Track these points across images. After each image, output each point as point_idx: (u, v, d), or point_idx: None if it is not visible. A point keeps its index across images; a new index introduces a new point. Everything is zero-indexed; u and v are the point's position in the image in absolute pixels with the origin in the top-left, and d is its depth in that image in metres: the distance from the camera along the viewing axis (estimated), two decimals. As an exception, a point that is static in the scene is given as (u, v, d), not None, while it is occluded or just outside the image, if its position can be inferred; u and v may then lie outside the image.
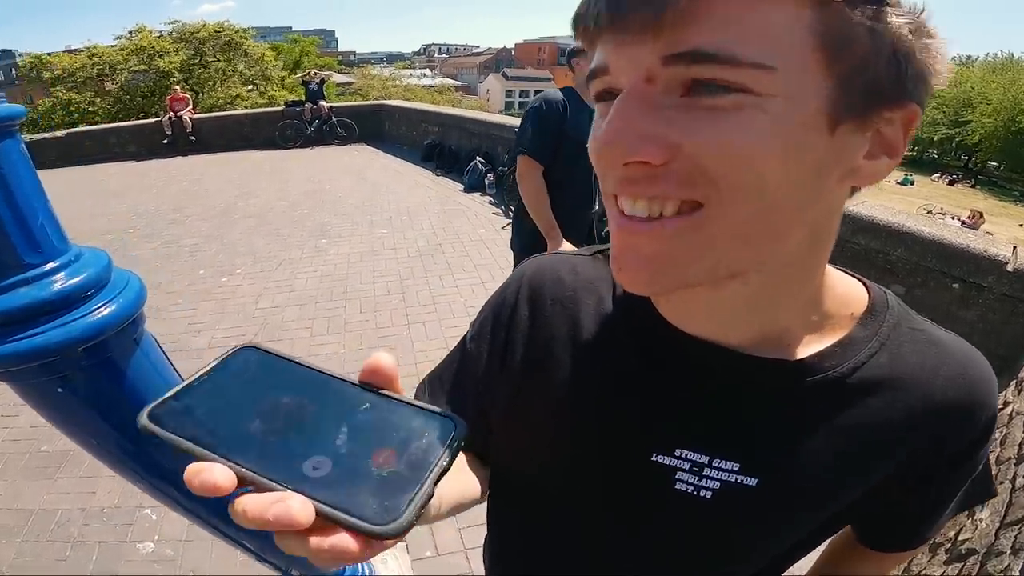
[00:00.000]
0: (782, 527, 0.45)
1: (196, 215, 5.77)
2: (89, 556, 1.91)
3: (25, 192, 0.66)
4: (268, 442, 0.26)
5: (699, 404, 0.43)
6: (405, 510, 0.24)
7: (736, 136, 0.30)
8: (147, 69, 14.93)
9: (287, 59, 24.01)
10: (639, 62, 0.31)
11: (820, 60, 0.30)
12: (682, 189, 0.32)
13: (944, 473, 0.45)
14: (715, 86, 0.30)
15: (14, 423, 2.62)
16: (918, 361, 0.42)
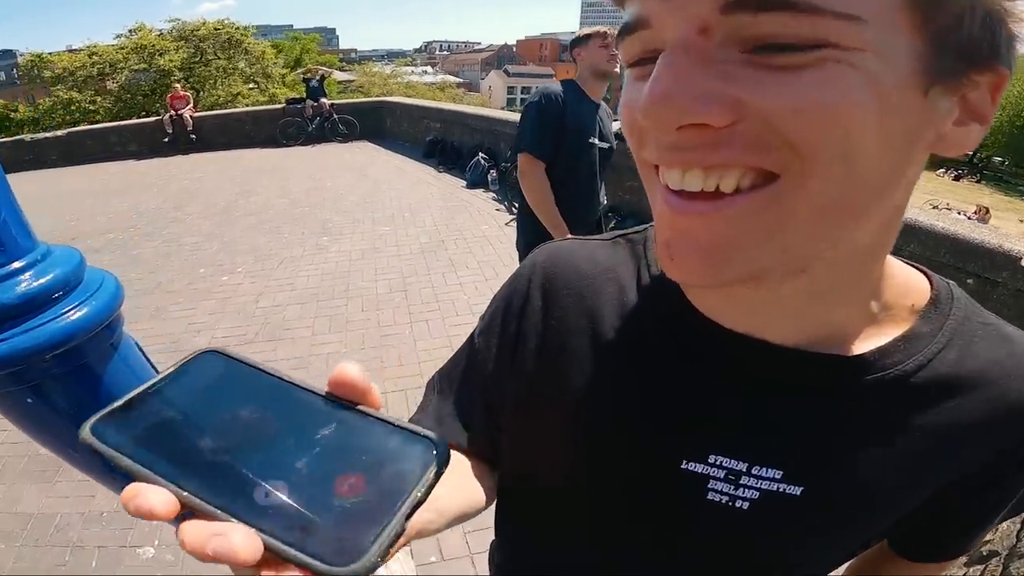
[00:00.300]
0: (827, 541, 0.41)
1: (197, 213, 5.75)
2: (89, 561, 1.90)
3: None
4: (218, 463, 0.23)
5: (737, 405, 0.38)
6: (368, 549, 0.20)
7: (821, 93, 0.25)
8: (148, 68, 14.96)
9: (288, 57, 24.03)
10: (692, 10, 0.26)
11: (910, 17, 0.26)
12: (751, 155, 0.27)
13: (1005, 482, 0.41)
14: (783, 46, 0.25)
15: (11, 426, 2.57)
16: (991, 358, 0.37)
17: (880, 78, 0.25)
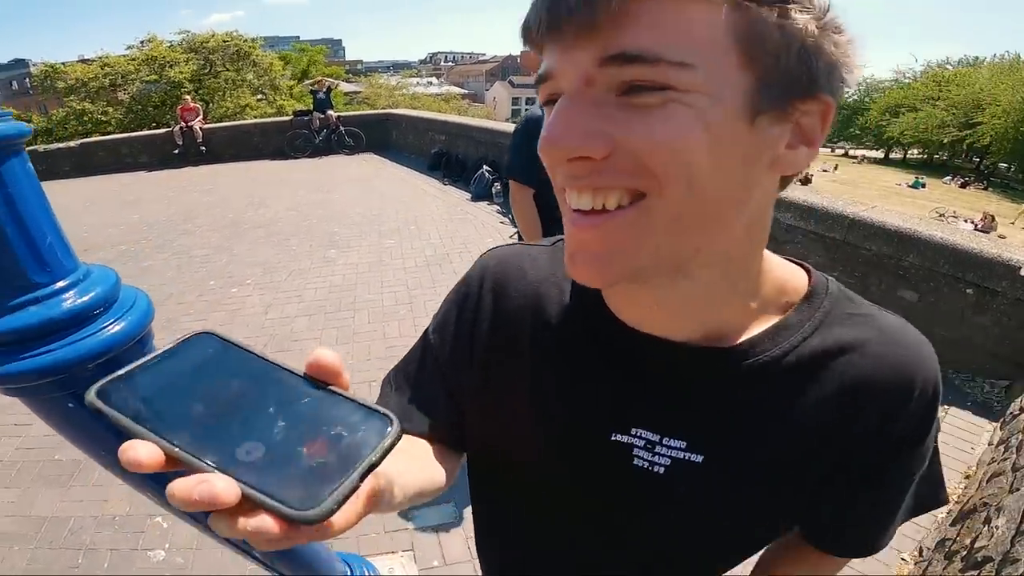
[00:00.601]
0: (731, 502, 0.47)
1: (207, 226, 5.84)
2: (101, 563, 1.94)
3: (33, 211, 0.68)
4: (206, 425, 0.27)
5: (648, 391, 0.46)
6: (326, 499, 0.25)
7: (665, 130, 0.33)
8: (158, 79, 15.09)
9: (295, 68, 24.19)
10: (578, 65, 0.33)
11: (737, 57, 0.33)
12: (625, 179, 0.34)
13: (890, 464, 0.46)
14: (641, 87, 0.32)
15: (28, 432, 2.65)
16: (848, 342, 0.44)
17: (709, 114, 0.32)
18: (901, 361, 0.44)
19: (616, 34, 0.32)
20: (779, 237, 3.84)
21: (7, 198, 0.65)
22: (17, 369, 0.65)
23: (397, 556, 1.89)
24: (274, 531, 0.24)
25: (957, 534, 1.74)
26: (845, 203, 3.59)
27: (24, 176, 0.68)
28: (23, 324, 0.65)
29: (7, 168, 0.66)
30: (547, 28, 0.34)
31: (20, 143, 0.67)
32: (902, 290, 3.18)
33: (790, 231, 3.75)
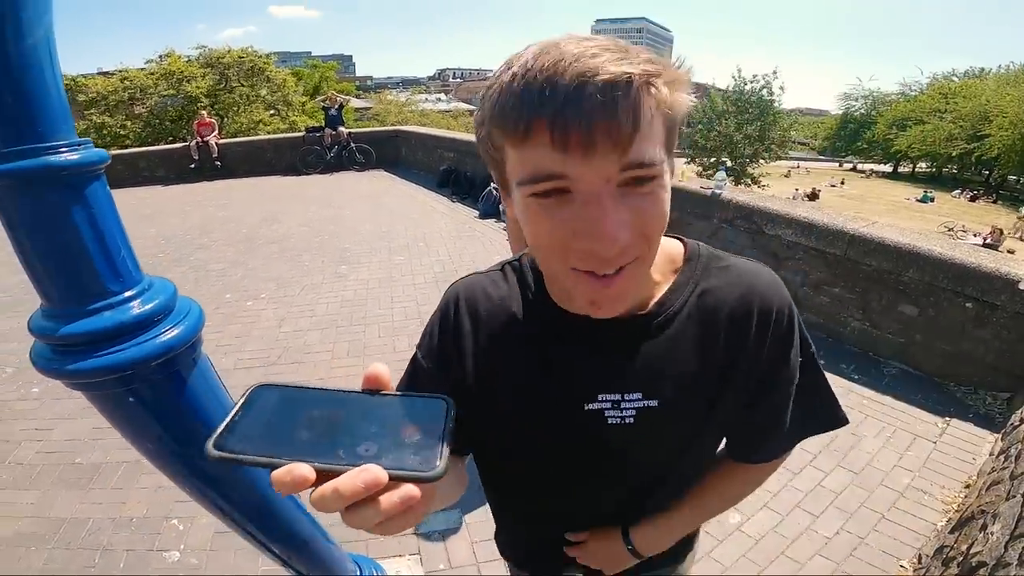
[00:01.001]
0: (686, 431, 0.62)
1: (222, 240, 5.98)
2: (117, 563, 1.99)
3: (110, 229, 0.77)
4: (322, 443, 0.32)
5: (602, 363, 0.59)
6: (439, 460, 0.32)
7: (656, 208, 0.46)
8: (176, 94, 15.17)
9: (307, 84, 24.48)
10: (606, 172, 0.43)
11: (665, 138, 0.45)
12: (635, 249, 0.46)
13: (768, 378, 0.61)
14: (644, 179, 0.44)
15: (49, 436, 2.74)
16: (720, 286, 0.59)
17: (665, 184, 0.46)
18: (759, 295, 0.58)
19: (632, 148, 0.42)
20: (780, 253, 3.88)
21: (90, 218, 0.75)
22: (90, 366, 0.74)
23: (404, 559, 1.95)
24: (418, 494, 0.30)
25: (955, 541, 1.77)
26: (845, 219, 3.63)
27: (104, 197, 0.77)
28: (97, 327, 0.74)
29: (91, 191, 0.75)
30: (581, 142, 0.41)
31: (100, 168, 0.76)
32: (903, 305, 3.22)
33: (791, 248, 3.79)
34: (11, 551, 2.03)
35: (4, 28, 0.65)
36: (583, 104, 0.39)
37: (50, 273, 0.76)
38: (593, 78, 0.39)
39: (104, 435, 2.70)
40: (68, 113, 0.73)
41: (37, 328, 0.80)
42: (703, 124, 20.93)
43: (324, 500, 0.29)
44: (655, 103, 0.42)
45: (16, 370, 3.42)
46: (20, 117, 0.68)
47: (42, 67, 0.68)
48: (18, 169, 0.68)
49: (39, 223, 0.73)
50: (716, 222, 4.39)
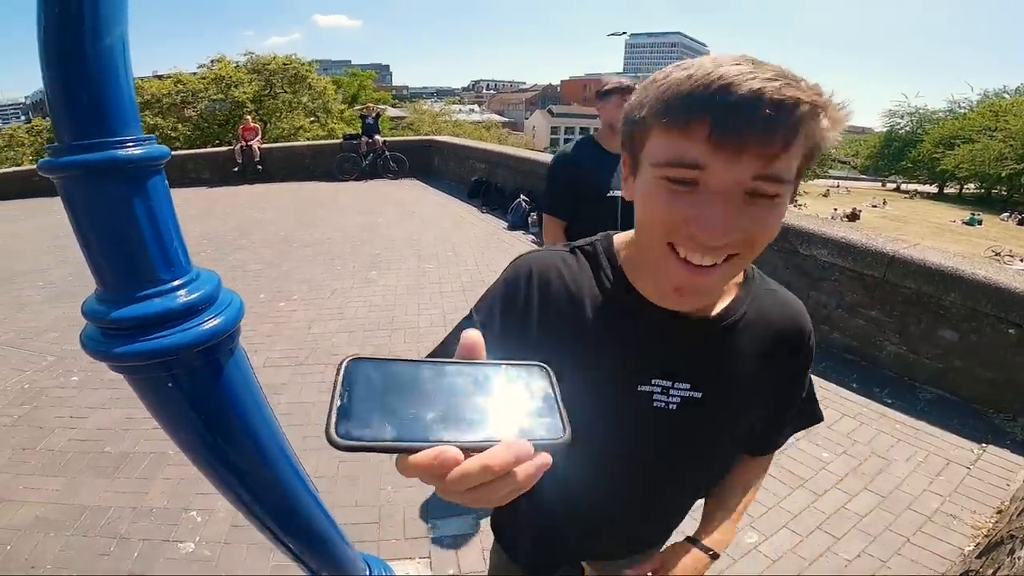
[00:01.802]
0: (726, 424, 0.68)
1: (260, 242, 6.18)
2: (131, 553, 2.02)
3: (166, 220, 0.81)
4: (448, 419, 0.29)
5: (661, 350, 0.63)
6: (565, 424, 0.32)
7: (771, 223, 0.50)
8: (224, 98, 15.65)
9: (346, 92, 25.15)
10: (738, 175, 0.46)
11: (801, 164, 0.50)
12: (735, 248, 0.50)
13: (791, 386, 0.72)
14: (766, 194, 0.48)
15: (82, 424, 2.84)
16: (771, 306, 0.67)
17: (785, 203, 0.50)
18: (801, 320, 0.68)
19: (774, 162, 0.45)
20: (814, 274, 3.78)
21: (149, 210, 0.79)
22: (136, 350, 0.77)
23: (414, 562, 1.95)
24: (550, 462, 0.30)
25: (981, 566, 1.73)
26: (885, 240, 3.52)
27: (163, 191, 0.81)
28: (147, 312, 0.77)
29: (152, 184, 0.79)
30: (730, 136, 0.45)
31: (161, 164, 0.80)
32: (942, 330, 3.11)
33: (827, 268, 3.70)
34: (30, 536, 2.09)
35: (82, 28, 0.70)
36: (752, 114, 0.43)
37: (108, 259, 0.80)
38: (766, 95, 0.43)
39: (134, 425, 2.81)
40: (136, 111, 0.78)
41: (90, 311, 0.84)
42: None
43: (468, 478, 0.28)
44: (809, 131, 0.46)
45: (56, 358, 3.59)
46: (92, 112, 0.72)
47: (116, 67, 0.72)
48: (87, 161, 0.72)
49: (102, 212, 0.77)
50: (748, 239, 4.30)
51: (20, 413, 2.95)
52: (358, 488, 2.33)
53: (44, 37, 0.69)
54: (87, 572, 1.93)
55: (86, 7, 0.67)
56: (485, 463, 0.28)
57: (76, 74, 0.70)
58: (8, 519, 2.17)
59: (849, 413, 2.93)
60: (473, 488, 0.29)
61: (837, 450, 2.62)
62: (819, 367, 3.42)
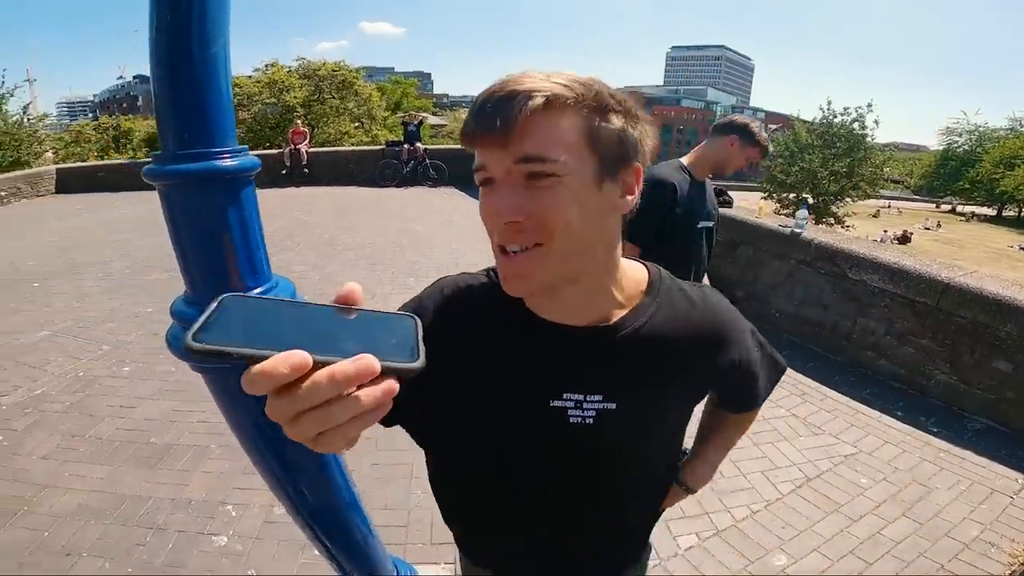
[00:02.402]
0: (644, 433, 0.68)
1: (305, 244, 6.37)
2: (166, 544, 2.07)
3: (254, 229, 0.85)
4: (305, 341, 0.30)
5: (568, 364, 0.63)
6: (420, 355, 0.33)
7: (553, 202, 0.52)
8: (276, 102, 16.06)
9: (389, 99, 25.68)
10: (501, 162, 0.53)
11: (587, 149, 0.53)
12: (536, 235, 0.54)
13: (739, 365, 0.72)
14: (540, 174, 0.52)
15: (131, 414, 2.95)
16: (682, 307, 0.67)
17: (575, 187, 0.52)
18: (714, 312, 0.69)
19: (521, 144, 0.51)
20: (863, 300, 3.69)
21: (241, 219, 0.83)
22: None
23: (439, 567, 1.97)
24: (396, 388, 0.31)
25: None
26: (940, 266, 3.40)
27: (252, 201, 0.84)
28: None
29: (244, 195, 0.83)
30: (480, 138, 0.53)
31: (253, 175, 0.84)
32: (996, 360, 2.99)
33: (877, 294, 3.60)
34: (70, 523, 2.17)
35: (190, 35, 0.72)
36: (484, 113, 0.52)
37: (200, 264, 0.84)
38: (493, 95, 0.52)
39: (180, 418, 2.92)
40: (233, 121, 0.81)
41: (178, 312, 0.89)
42: (784, 158, 19.87)
43: (317, 389, 0.28)
44: (552, 117, 0.51)
45: (111, 348, 3.77)
46: (196, 122, 0.76)
47: (219, 76, 0.75)
48: (189, 170, 0.76)
49: (199, 220, 0.81)
50: (793, 263, 4.20)
51: (73, 400, 3.11)
52: (389, 491, 2.36)
53: (155, 37, 0.72)
54: (122, 561, 2.00)
55: (195, 11, 0.70)
56: (330, 372, 0.28)
57: (184, 78, 0.73)
58: (50, 505, 2.27)
59: (892, 440, 2.87)
60: (317, 410, 0.29)
61: (876, 477, 2.57)
62: (863, 394, 3.34)
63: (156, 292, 4.75)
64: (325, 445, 0.31)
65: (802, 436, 2.90)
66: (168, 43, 0.72)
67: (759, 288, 4.50)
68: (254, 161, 0.86)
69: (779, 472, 2.61)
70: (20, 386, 3.26)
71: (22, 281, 5.17)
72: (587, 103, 0.53)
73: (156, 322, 4.19)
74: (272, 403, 0.29)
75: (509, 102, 0.50)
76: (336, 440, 0.31)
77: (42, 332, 4.01)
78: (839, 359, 3.79)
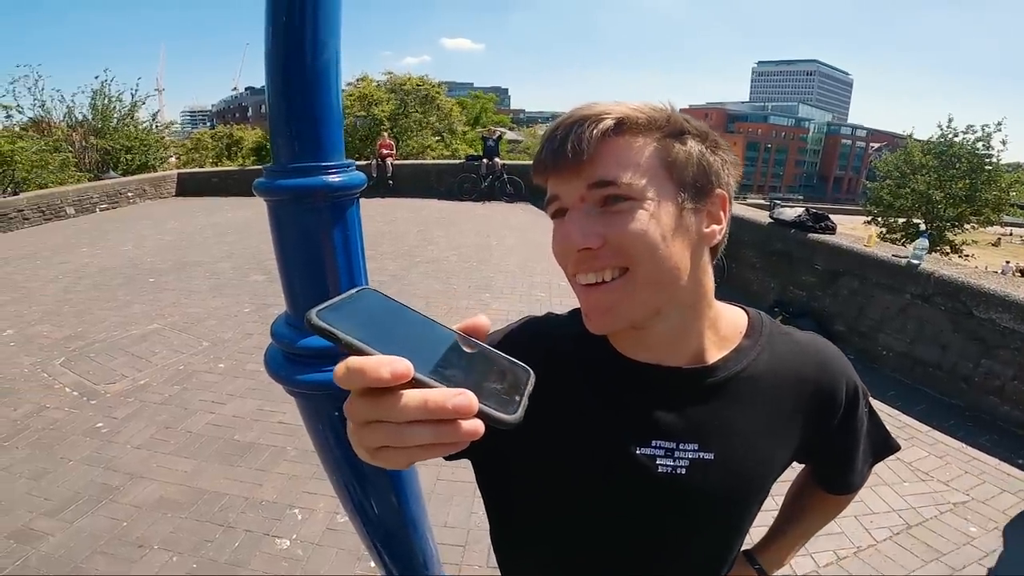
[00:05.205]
0: (742, 490, 0.61)
1: (387, 254, 6.60)
2: (232, 542, 2.13)
3: (356, 250, 0.83)
4: (418, 356, 0.29)
5: (658, 408, 0.58)
6: (519, 409, 0.31)
7: (633, 225, 0.50)
8: (365, 115, 16.90)
9: (469, 114, 26.53)
10: (575, 189, 0.51)
11: (664, 172, 0.51)
12: (614, 260, 0.51)
13: (839, 431, 0.65)
14: (615, 198, 0.50)
15: (220, 410, 3.12)
16: (787, 353, 0.62)
17: (654, 211, 0.50)
18: (825, 366, 0.63)
19: (594, 170, 0.50)
20: (989, 340, 3.34)
21: (345, 239, 0.80)
22: (313, 379, 0.81)
23: None
24: (480, 432, 0.28)
25: None
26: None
27: (356, 219, 0.83)
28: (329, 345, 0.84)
29: (350, 212, 0.81)
30: (552, 168, 0.52)
31: (359, 192, 0.81)
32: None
33: (1007, 335, 3.23)
34: (148, 515, 2.29)
35: (303, 41, 0.70)
36: (555, 143, 0.51)
37: (303, 283, 0.82)
38: (561, 125, 0.52)
39: (264, 417, 3.05)
40: (342, 134, 0.78)
41: (278, 334, 0.87)
42: (892, 179, 18.09)
43: (405, 408, 0.27)
44: (622, 142, 0.50)
45: (211, 344, 4.04)
46: (307, 135, 0.73)
47: (330, 86, 0.73)
48: (298, 186, 0.74)
49: (304, 237, 0.79)
50: (908, 297, 3.79)
51: (172, 392, 3.34)
52: (451, 508, 2.33)
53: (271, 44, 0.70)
54: (189, 556, 2.07)
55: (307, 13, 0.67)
56: (425, 397, 0.27)
57: (297, 86, 0.70)
58: (134, 495, 2.42)
59: (1010, 489, 2.65)
60: (395, 426, 0.28)
61: (988, 526, 2.37)
62: (980, 440, 3.05)
63: (255, 293, 5.09)
64: (383, 460, 0.31)
65: (906, 481, 2.65)
66: (283, 47, 0.70)
67: (864, 323, 4.12)
68: (361, 177, 0.84)
69: (875, 518, 2.39)
70: (127, 376, 3.56)
71: (139, 276, 5.75)
72: (660, 126, 0.52)
73: (252, 322, 4.47)
74: (354, 401, 0.29)
75: (579, 127, 0.50)
76: (398, 459, 0.30)
77: (152, 325, 4.41)
78: (955, 402, 3.50)
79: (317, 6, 0.68)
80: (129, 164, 13.54)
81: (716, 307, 0.60)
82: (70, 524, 2.22)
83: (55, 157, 11.47)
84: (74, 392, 3.33)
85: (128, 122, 13.99)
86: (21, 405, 3.17)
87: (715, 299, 0.61)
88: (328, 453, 1.01)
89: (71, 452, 2.72)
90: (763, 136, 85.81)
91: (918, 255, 3.77)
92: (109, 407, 3.17)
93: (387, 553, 1.19)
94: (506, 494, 0.69)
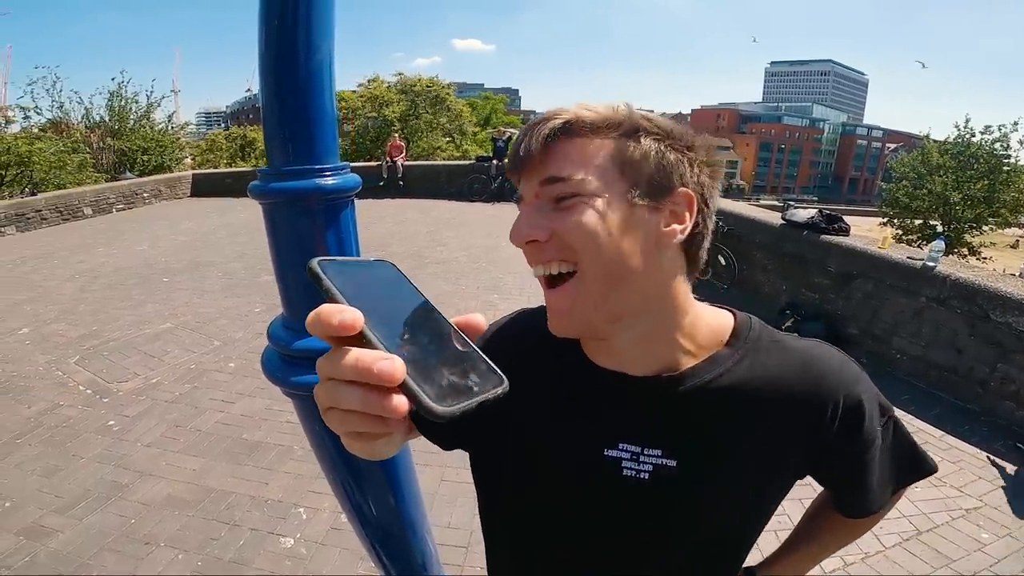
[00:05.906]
0: (712, 501, 0.59)
1: (397, 254, 6.62)
2: (237, 540, 2.15)
3: (351, 250, 0.83)
4: (387, 322, 0.30)
5: (626, 414, 0.58)
6: (455, 406, 0.28)
7: (577, 219, 0.50)
8: (376, 116, 17.08)
9: (479, 115, 26.57)
10: (531, 187, 0.53)
11: (617, 171, 0.51)
12: (560, 253, 0.52)
13: (841, 449, 0.59)
14: (565, 195, 0.51)
15: (230, 409, 3.15)
16: (772, 362, 0.58)
17: (604, 208, 0.50)
18: (819, 379, 0.58)
19: (546, 168, 0.52)
20: (1007, 345, 3.27)
21: (339, 241, 0.81)
22: (309, 381, 0.80)
23: None
24: (404, 411, 0.28)
25: None
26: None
27: (351, 222, 0.83)
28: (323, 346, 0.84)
29: (344, 215, 0.81)
30: (515, 167, 0.55)
31: (353, 195, 0.82)
32: None
33: (1023, 339, 3.15)
34: (156, 512, 2.32)
35: (295, 43, 0.70)
36: (519, 143, 0.54)
37: (298, 286, 0.83)
38: (528, 127, 0.54)
39: (272, 416, 3.07)
40: (336, 136, 0.78)
41: (274, 336, 0.87)
42: (909, 180, 17.76)
43: (343, 364, 0.28)
44: (582, 140, 0.52)
45: (221, 343, 4.09)
46: (301, 137, 0.73)
47: (323, 88, 0.73)
48: (292, 189, 0.74)
49: (299, 239, 0.79)
50: (923, 300, 3.72)
51: (183, 391, 3.38)
52: (454, 510, 2.34)
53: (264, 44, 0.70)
54: (194, 554, 2.10)
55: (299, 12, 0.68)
56: (358, 354, 0.27)
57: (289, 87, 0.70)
58: (142, 493, 2.44)
59: None
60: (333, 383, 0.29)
61: (1001, 532, 2.33)
62: (995, 445, 2.99)
63: (266, 293, 5.13)
64: (349, 443, 0.33)
65: (918, 487, 2.58)
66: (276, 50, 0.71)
67: (878, 326, 4.05)
68: (356, 180, 0.83)
69: (885, 523, 2.34)
70: (140, 374, 3.61)
71: (154, 276, 5.83)
72: (614, 125, 0.52)
73: (262, 321, 4.50)
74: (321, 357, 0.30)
75: (538, 128, 0.52)
76: (344, 426, 0.31)
77: (165, 324, 4.47)
78: (971, 407, 3.43)
79: (310, 9, 0.69)
80: (145, 165, 13.77)
81: (695, 314, 0.58)
82: (80, 521, 2.25)
83: (73, 158, 11.71)
84: (88, 390, 3.38)
85: (144, 123, 14.24)
86: (35, 403, 3.23)
87: (707, 304, 0.60)
88: (324, 452, 1.01)
89: (83, 449, 2.76)
90: (776, 137, 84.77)
91: (934, 257, 3.70)
92: (121, 405, 3.21)
93: (386, 554, 1.19)
94: (493, 489, 0.70)
